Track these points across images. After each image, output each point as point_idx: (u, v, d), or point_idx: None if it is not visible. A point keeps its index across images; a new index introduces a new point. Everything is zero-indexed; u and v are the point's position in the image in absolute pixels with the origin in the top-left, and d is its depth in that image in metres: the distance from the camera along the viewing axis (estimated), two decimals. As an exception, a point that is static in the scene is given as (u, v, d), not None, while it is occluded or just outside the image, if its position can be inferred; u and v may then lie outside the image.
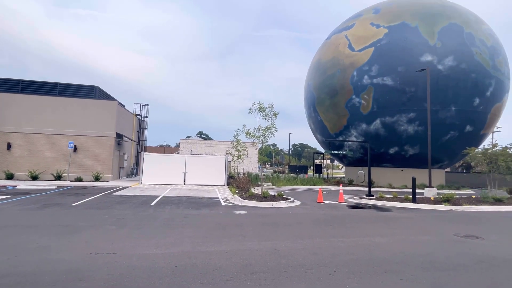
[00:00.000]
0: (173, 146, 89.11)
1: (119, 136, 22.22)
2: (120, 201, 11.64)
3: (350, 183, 25.13)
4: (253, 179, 22.78)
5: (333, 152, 21.36)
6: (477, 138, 22.39)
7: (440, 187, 22.53)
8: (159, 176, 19.63)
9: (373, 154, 22.55)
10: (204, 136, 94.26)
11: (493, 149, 16.04)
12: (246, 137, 14.99)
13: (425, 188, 16.24)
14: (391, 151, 22.74)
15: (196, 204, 11.46)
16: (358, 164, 25.82)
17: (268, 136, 14.38)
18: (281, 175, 31.27)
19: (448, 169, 32.57)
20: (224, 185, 19.94)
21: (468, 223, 9.39)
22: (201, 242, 6.04)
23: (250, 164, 41.90)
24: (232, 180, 21.64)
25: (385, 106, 21.63)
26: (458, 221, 9.78)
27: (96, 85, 23.07)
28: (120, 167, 23.68)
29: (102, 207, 10.21)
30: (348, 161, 27.39)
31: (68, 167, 19.84)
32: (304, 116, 31.83)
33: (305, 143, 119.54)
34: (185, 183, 19.73)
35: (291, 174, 32.18)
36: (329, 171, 43.57)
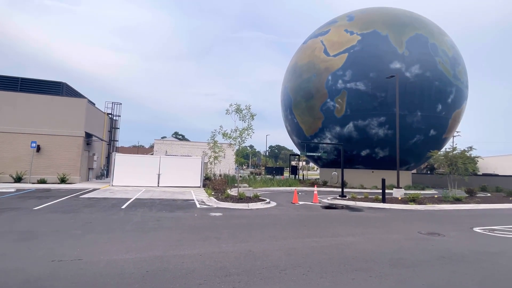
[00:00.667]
0: (147, 147, 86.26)
1: (88, 136, 21.08)
2: (88, 204, 11.03)
3: (325, 184, 25.77)
4: (229, 181, 22.61)
5: (308, 154, 21.81)
6: (439, 142, 23.96)
7: (407, 187, 23.80)
8: (132, 177, 18.87)
9: (346, 156, 23.33)
10: (180, 136, 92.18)
11: (453, 152, 17.23)
12: (223, 138, 14.84)
13: (394, 189, 17.07)
14: (363, 153, 23.67)
15: (170, 207, 11.14)
16: (332, 165, 26.59)
17: (245, 138, 14.34)
18: (257, 176, 31.38)
19: (414, 171, 34.49)
20: (200, 187, 19.61)
21: (431, 221, 9.97)
22: (174, 245, 5.87)
23: (226, 165, 41.60)
24: (208, 182, 21.34)
25: (358, 110, 22.50)
26: (422, 219, 10.36)
27: (64, 82, 21.74)
28: (89, 169, 22.47)
29: (68, 210, 9.61)
30: (322, 163, 28.11)
31: (30, 168, 18.46)
32: (281, 118, 32.23)
33: (281, 145, 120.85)
34: (159, 185, 19.15)
35: (267, 176, 32.38)
36: (305, 172, 44.40)
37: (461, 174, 16.74)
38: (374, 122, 22.34)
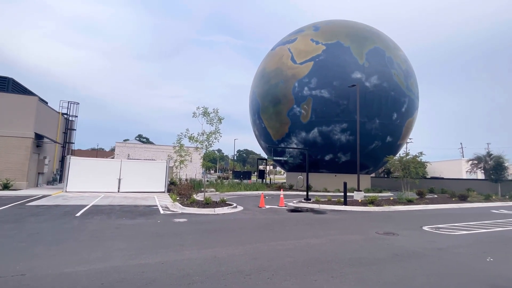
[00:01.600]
0: (107, 150, 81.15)
1: (38, 137, 19.24)
2: (35, 213, 10.00)
3: (291, 188, 26.34)
4: (196, 185, 22.13)
5: (275, 158, 22.15)
6: (395, 148, 25.85)
7: (367, 190, 25.24)
8: (89, 183, 17.55)
9: (311, 161, 24.12)
10: (144, 139, 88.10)
11: (407, 158, 18.71)
12: (190, 142, 14.50)
13: (355, 192, 18.01)
14: (327, 157, 24.67)
15: (131, 213, 10.54)
16: (298, 170, 27.28)
17: (213, 142, 14.17)
18: (225, 181, 31.09)
19: (373, 175, 36.71)
20: (164, 192, 18.88)
21: (387, 222, 10.69)
22: (134, 254, 5.55)
23: (193, 169, 40.77)
24: (173, 187, 20.65)
25: (322, 116, 23.46)
26: (379, 220, 11.07)
27: (10, 77, 19.67)
28: (39, 173, 20.47)
29: (10, 220, 8.62)
30: (289, 167, 28.72)
31: (-34, 173, 16.30)
32: (249, 123, 32.39)
33: (250, 149, 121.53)
34: (120, 191, 18.06)
35: (235, 180, 32.23)
36: (272, 176, 44.91)
37: (413, 177, 18.22)
38: (337, 128, 23.43)
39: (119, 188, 18.10)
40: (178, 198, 14.98)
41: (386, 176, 39.82)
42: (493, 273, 5.09)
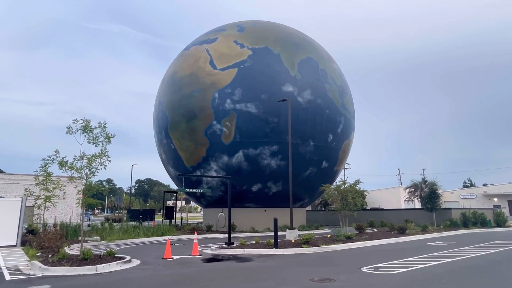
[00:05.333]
0: None
1: None
2: None
3: (209, 229, 25.95)
4: (70, 233, 19.88)
5: (188, 190, 21.75)
6: (331, 174, 28.55)
7: (302, 227, 26.82)
8: None
9: (235, 192, 24.46)
10: (-14, 165, 74.87)
11: (344, 186, 20.84)
12: (61, 169, 13.15)
13: (287, 230, 18.87)
14: (254, 188, 25.45)
15: (-50, 285, 8.58)
16: (218, 205, 27.24)
17: (97, 169, 13.16)
18: (116, 224, 28.77)
19: (309, 208, 39.48)
20: (16, 246, 16.34)
21: (324, 265, 11.56)
22: None
23: (67, 209, 36.92)
24: (33, 237, 17.99)
25: (249, 136, 24.37)
26: (315, 264, 11.87)
27: None
28: None
29: None
30: (207, 202, 28.41)
31: None
32: (154, 143, 31.30)
33: (154, 179, 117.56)
34: None
35: (131, 222, 30.03)
36: (184, 215, 43.81)
37: (351, 209, 20.31)
38: (266, 151, 24.62)
39: None
40: (39, 254, 13.19)
41: (323, 209, 43.33)
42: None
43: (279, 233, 16.10)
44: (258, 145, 24.44)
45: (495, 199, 53.09)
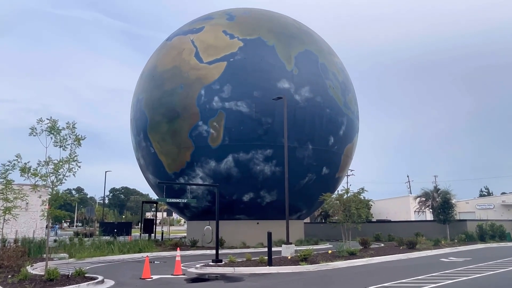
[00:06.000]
0: None
1: None
2: None
3: (194, 244, 25.79)
4: (33, 250, 19.76)
5: (170, 200, 21.55)
6: (333, 182, 28.67)
7: (299, 242, 26.81)
8: None
9: (224, 203, 24.36)
10: None
11: (347, 195, 20.91)
12: (23, 176, 13.02)
13: (283, 245, 18.84)
14: (246, 197, 25.39)
15: None
16: (205, 217, 27.10)
17: (65, 175, 13.06)
18: (87, 239, 28.44)
19: (307, 220, 39.55)
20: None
21: (324, 285, 11.62)
22: None
23: (30, 222, 36.71)
24: (-11, 255, 17.67)
25: (239, 139, 24.35)
26: (314, 284, 11.83)
27: None
28: None
29: None
30: (191, 213, 28.25)
31: None
32: (131, 146, 31.05)
33: (131, 187, 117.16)
34: None
35: (105, 237, 29.74)
36: (166, 229, 43.55)
37: (355, 221, 20.38)
38: (259, 156, 24.60)
39: None
40: (-5, 275, 12.91)
41: (323, 221, 43.43)
42: None
43: (273, 249, 16.08)
44: (249, 149, 24.42)
45: (515, 210, 53.81)
